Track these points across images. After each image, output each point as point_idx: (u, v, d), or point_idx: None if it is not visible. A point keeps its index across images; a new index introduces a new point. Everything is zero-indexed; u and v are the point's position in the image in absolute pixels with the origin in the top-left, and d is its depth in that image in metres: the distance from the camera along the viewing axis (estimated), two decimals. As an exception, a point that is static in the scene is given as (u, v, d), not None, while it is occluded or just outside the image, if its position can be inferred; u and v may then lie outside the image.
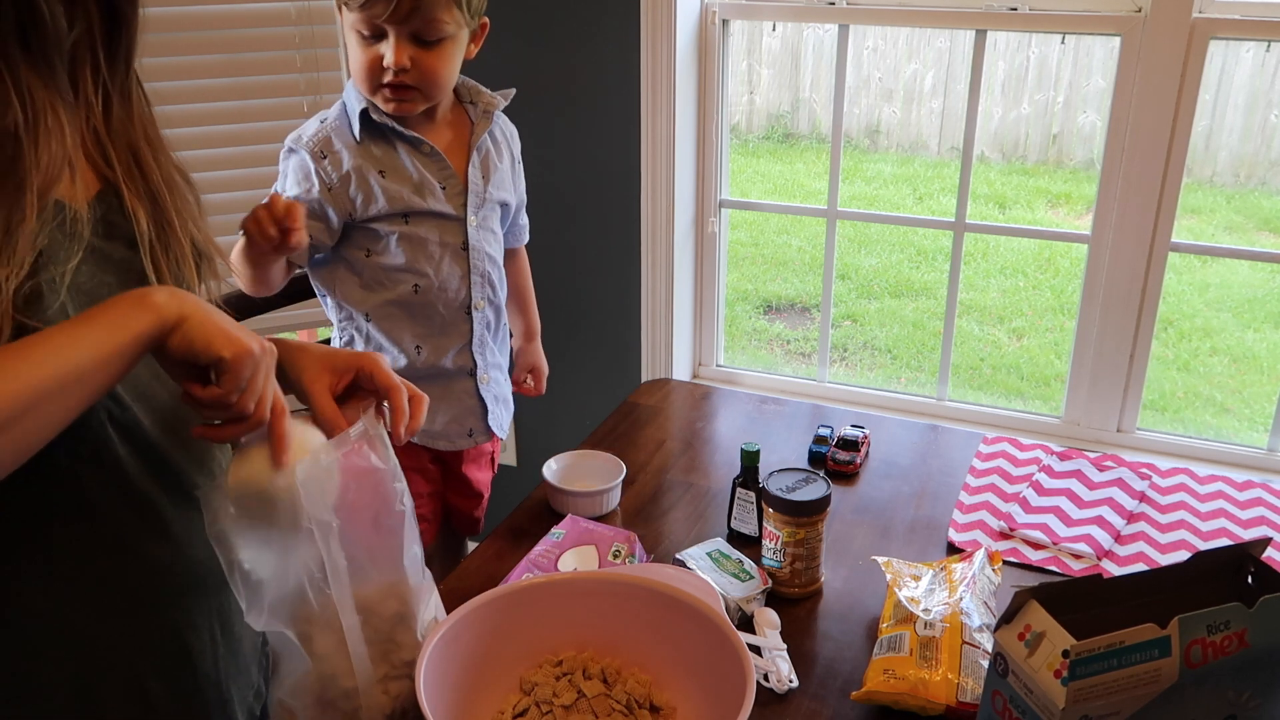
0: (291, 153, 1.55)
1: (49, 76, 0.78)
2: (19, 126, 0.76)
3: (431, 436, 1.67)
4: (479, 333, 1.65)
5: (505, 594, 1.01)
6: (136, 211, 0.88)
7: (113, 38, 0.85)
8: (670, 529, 1.45)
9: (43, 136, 0.77)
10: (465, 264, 1.60)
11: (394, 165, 1.54)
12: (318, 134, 1.53)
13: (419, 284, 1.57)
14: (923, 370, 4.20)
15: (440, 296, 1.59)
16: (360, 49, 1.48)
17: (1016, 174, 5.60)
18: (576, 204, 2.26)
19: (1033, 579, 1.34)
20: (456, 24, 1.47)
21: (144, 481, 0.88)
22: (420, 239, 1.56)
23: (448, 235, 1.58)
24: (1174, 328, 4.28)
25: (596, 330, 2.35)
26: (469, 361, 1.65)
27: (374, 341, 1.60)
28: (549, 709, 0.97)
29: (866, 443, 1.65)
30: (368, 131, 1.53)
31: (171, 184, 0.92)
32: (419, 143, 1.55)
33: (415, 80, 1.47)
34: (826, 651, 1.21)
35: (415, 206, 1.54)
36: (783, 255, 5.10)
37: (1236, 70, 5.18)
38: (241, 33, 2.08)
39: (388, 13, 1.41)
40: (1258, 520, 1.49)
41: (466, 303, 1.62)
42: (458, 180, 1.58)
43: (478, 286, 1.62)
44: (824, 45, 5.86)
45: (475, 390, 1.67)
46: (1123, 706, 0.85)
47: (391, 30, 1.44)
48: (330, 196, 1.51)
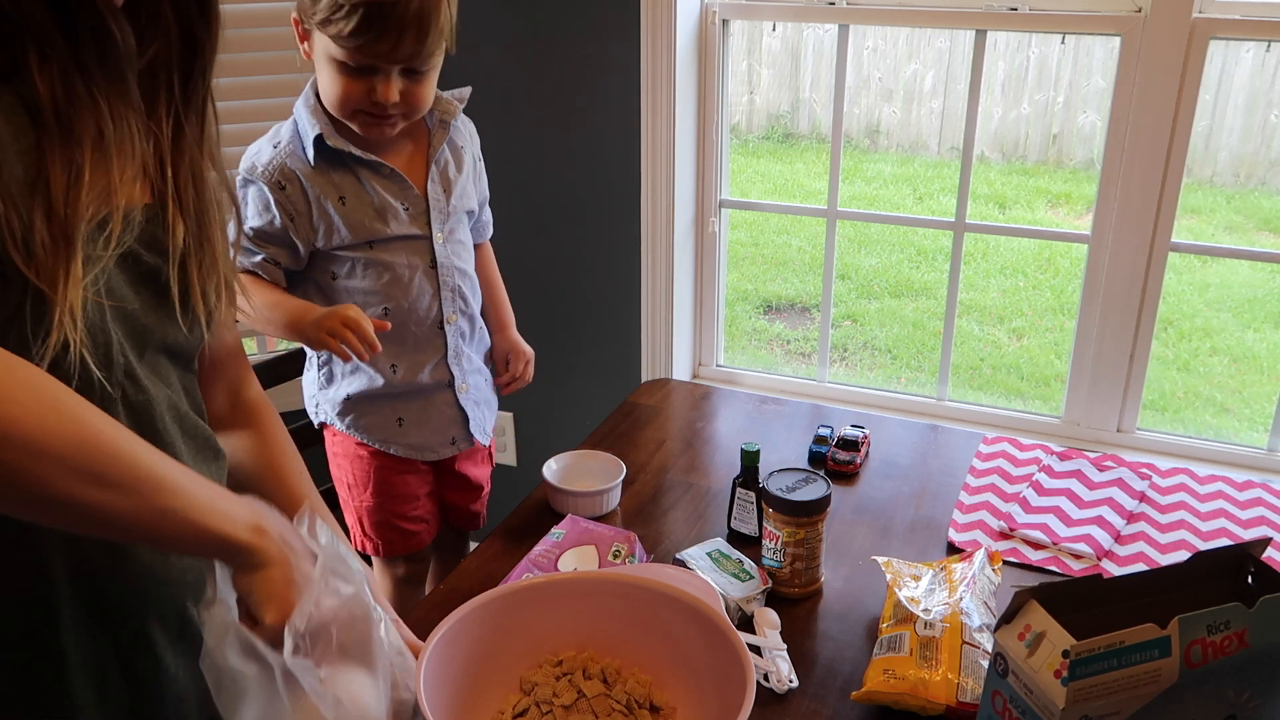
0: (248, 183, 1.49)
1: (123, 90, 0.82)
2: (103, 136, 0.80)
3: (416, 449, 1.66)
4: (454, 345, 1.63)
5: (505, 594, 1.01)
6: (175, 225, 0.90)
7: (187, 60, 0.90)
8: (670, 529, 1.45)
9: (122, 146, 0.82)
10: (435, 281, 1.58)
11: (353, 190, 1.50)
12: (272, 162, 1.48)
13: (388, 307, 1.55)
14: (923, 370, 4.20)
15: (411, 316, 1.57)
16: (338, 78, 1.41)
17: (1016, 174, 5.60)
18: (577, 204, 2.26)
19: (1033, 579, 1.34)
20: (442, 52, 1.45)
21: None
22: (386, 263, 1.53)
23: (415, 256, 1.55)
24: (1174, 328, 4.28)
25: (596, 330, 2.35)
26: (446, 374, 1.64)
27: (350, 362, 1.57)
28: (549, 709, 0.97)
29: (866, 443, 1.65)
30: (323, 157, 1.48)
31: (221, 204, 0.96)
32: (378, 166, 1.51)
33: (402, 109, 1.44)
34: (826, 651, 1.21)
35: (378, 233, 1.51)
36: (783, 255, 5.10)
37: (1236, 70, 5.18)
38: (241, 33, 2.08)
39: (388, 52, 1.36)
40: (1258, 520, 1.49)
41: (439, 319, 1.60)
42: (420, 199, 1.55)
43: (449, 302, 1.60)
44: (824, 45, 5.86)
45: (455, 400, 1.66)
46: (1123, 706, 0.85)
47: (384, 66, 1.39)
48: (293, 226, 1.48)
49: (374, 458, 1.64)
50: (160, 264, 0.90)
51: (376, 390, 1.59)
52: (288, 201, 1.48)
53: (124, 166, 0.82)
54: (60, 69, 0.78)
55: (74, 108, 0.79)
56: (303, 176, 1.48)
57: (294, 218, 1.48)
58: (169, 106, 0.89)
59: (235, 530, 0.80)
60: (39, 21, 0.76)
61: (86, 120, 0.80)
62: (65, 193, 0.78)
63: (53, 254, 0.77)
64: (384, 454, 1.64)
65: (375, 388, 1.59)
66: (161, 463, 0.76)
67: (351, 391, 1.60)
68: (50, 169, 0.77)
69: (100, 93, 0.80)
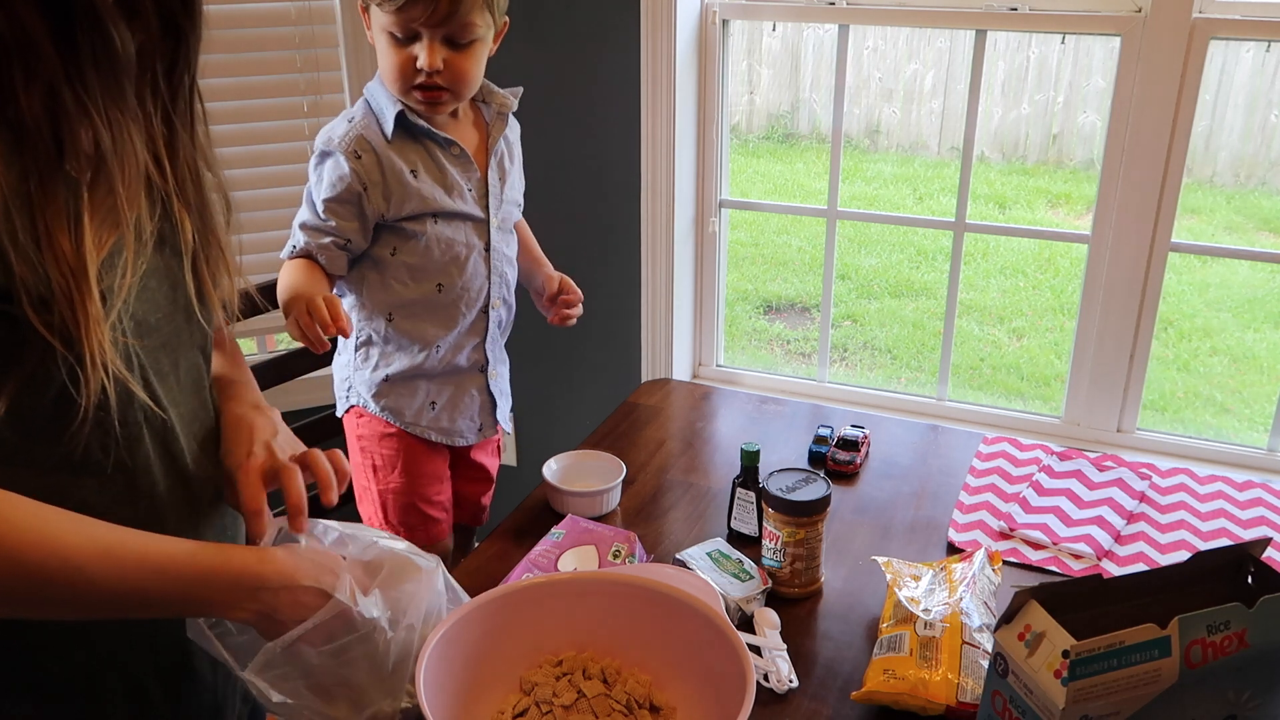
0: (326, 155, 1.55)
1: (120, 98, 0.79)
2: (105, 147, 0.78)
3: (445, 433, 1.69)
4: (493, 330, 1.68)
5: (505, 594, 1.01)
6: (184, 221, 0.89)
7: (172, 52, 0.86)
8: (670, 529, 1.45)
9: (125, 154, 0.79)
10: (487, 265, 1.63)
11: (425, 165, 1.56)
12: (349, 133, 1.54)
13: (443, 283, 1.59)
14: (923, 370, 4.20)
15: (464, 296, 1.62)
16: (391, 50, 1.49)
17: (1016, 174, 5.60)
18: (576, 204, 2.26)
19: (1033, 579, 1.34)
20: (486, 25, 1.50)
21: (164, 485, 0.89)
22: (448, 240, 1.58)
23: (473, 236, 1.61)
24: (1174, 328, 4.28)
25: (596, 330, 2.35)
26: (482, 358, 1.68)
27: (393, 341, 1.61)
28: (549, 709, 0.97)
29: (866, 443, 1.65)
30: (399, 132, 1.55)
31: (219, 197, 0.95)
32: (449, 144, 1.57)
33: (447, 81, 1.50)
34: (826, 651, 1.21)
35: (445, 207, 1.56)
36: (783, 255, 5.10)
37: (1236, 70, 5.18)
38: (241, 33, 2.08)
39: (425, 16, 1.43)
40: (1258, 520, 1.49)
41: (486, 302, 1.65)
42: (482, 182, 1.61)
43: (496, 286, 1.65)
44: (824, 45, 5.86)
45: (486, 385, 1.71)
46: (1123, 706, 0.85)
47: (425, 33, 1.46)
48: (366, 196, 1.52)
49: (403, 438, 1.67)
50: (175, 265, 0.89)
51: (415, 369, 1.63)
52: (363, 170, 1.52)
53: (128, 181, 0.79)
54: (47, 83, 0.74)
55: (66, 124, 0.75)
56: (377, 148, 1.53)
57: (367, 187, 1.52)
58: (156, 102, 0.86)
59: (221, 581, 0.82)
60: (30, 30, 0.72)
61: (81, 137, 0.76)
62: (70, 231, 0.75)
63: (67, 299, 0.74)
64: (413, 436, 1.67)
65: (414, 366, 1.62)
66: (120, 583, 0.79)
67: (390, 372, 1.63)
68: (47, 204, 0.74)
69: (95, 104, 0.76)
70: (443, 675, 0.93)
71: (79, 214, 0.76)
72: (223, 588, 0.83)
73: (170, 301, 0.89)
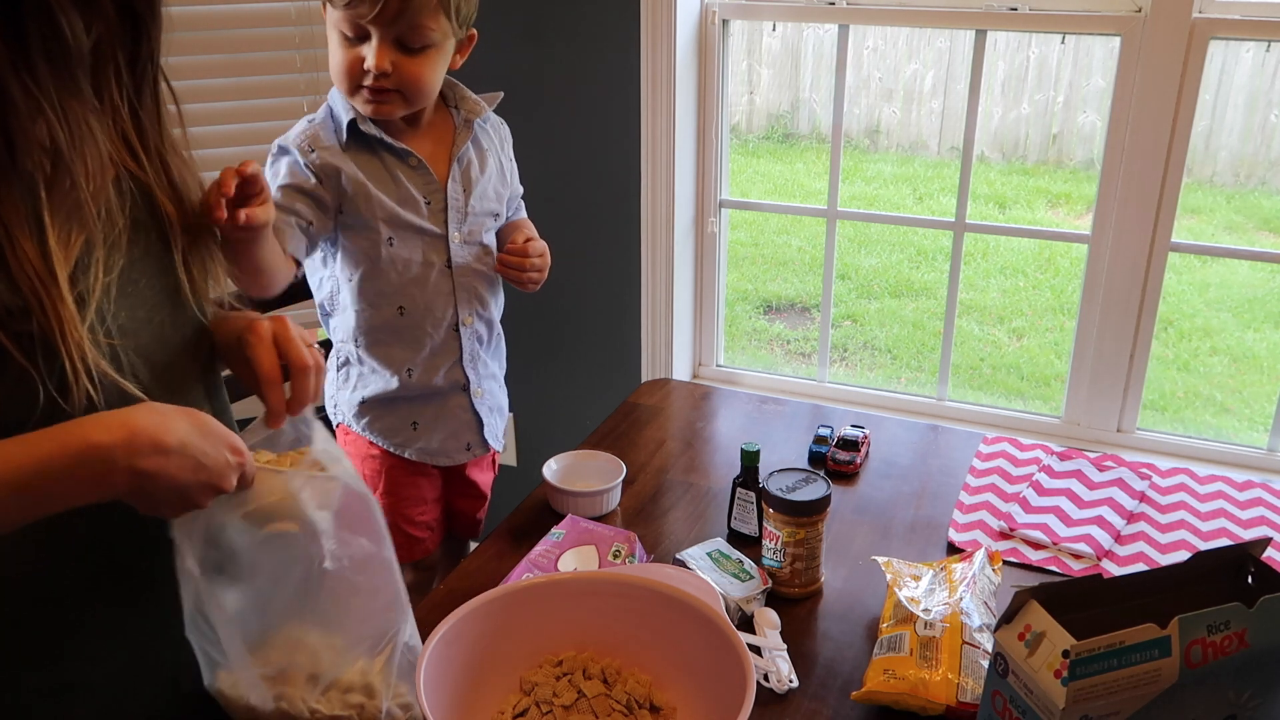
0: (281, 154, 1.51)
1: (75, 90, 0.77)
2: (61, 142, 0.75)
3: (430, 454, 1.66)
4: (469, 349, 1.63)
5: (505, 594, 1.01)
6: (168, 210, 0.88)
7: (133, 41, 0.85)
8: (670, 529, 1.45)
9: (84, 147, 0.77)
10: (450, 281, 1.58)
11: (378, 176, 1.51)
12: (304, 133, 1.51)
13: (404, 306, 1.55)
14: (923, 370, 4.20)
15: (427, 316, 1.57)
16: (341, 49, 1.45)
17: (1016, 174, 5.59)
18: (576, 204, 2.26)
19: (1033, 579, 1.34)
20: (443, 33, 1.45)
21: None
22: (404, 260, 1.53)
23: (431, 253, 1.55)
24: (1174, 328, 4.28)
25: (597, 330, 2.35)
26: (461, 377, 1.63)
27: (365, 364, 1.59)
28: (549, 709, 0.97)
29: (866, 443, 1.65)
30: (353, 141, 1.50)
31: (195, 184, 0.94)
32: (405, 154, 1.52)
33: (396, 84, 1.45)
34: (826, 651, 1.21)
35: (399, 220, 1.52)
36: (783, 255, 5.09)
37: (1236, 70, 5.18)
38: (241, 33, 2.08)
39: (373, 14, 1.38)
40: (1258, 520, 1.49)
41: (454, 321, 1.60)
42: (441, 195, 1.56)
43: (464, 303, 1.60)
44: (824, 45, 5.85)
45: (470, 405, 1.66)
46: (1123, 706, 0.85)
47: (375, 32, 1.41)
48: (322, 186, 1.49)
49: (386, 459, 1.64)
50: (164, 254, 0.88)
51: (392, 393, 1.59)
52: (315, 165, 1.48)
53: (91, 176, 0.77)
54: None
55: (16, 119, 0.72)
56: (330, 149, 1.50)
57: (321, 180, 1.49)
58: (120, 91, 0.84)
59: (83, 448, 0.73)
60: None
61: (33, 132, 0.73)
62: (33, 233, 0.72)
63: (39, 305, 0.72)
64: (397, 457, 1.64)
65: (390, 390, 1.59)
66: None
67: (367, 395, 1.60)
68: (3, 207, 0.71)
69: (48, 97, 0.74)
70: (443, 675, 0.93)
71: (39, 214, 0.73)
72: (71, 472, 0.74)
73: (158, 293, 0.87)
